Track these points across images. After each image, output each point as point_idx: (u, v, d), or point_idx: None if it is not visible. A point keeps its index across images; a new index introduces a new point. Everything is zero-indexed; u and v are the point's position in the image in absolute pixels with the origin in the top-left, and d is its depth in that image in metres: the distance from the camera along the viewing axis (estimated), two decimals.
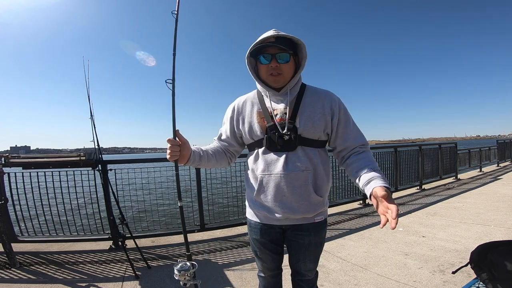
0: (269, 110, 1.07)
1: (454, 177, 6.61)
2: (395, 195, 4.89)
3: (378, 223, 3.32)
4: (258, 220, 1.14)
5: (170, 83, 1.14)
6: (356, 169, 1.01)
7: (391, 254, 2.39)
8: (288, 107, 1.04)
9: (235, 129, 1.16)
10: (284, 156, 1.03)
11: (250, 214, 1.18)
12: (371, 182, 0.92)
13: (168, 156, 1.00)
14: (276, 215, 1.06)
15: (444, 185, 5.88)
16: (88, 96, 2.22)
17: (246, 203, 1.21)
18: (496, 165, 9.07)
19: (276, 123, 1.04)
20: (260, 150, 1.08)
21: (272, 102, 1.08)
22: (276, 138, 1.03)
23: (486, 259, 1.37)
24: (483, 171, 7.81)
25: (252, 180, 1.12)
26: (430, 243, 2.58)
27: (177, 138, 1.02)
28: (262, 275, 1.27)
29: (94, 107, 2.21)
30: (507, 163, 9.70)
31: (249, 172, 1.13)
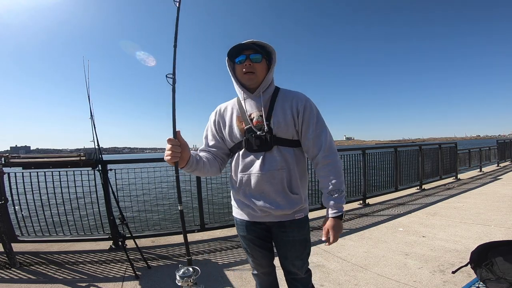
0: (247, 114, 1.13)
1: (454, 177, 6.61)
2: (395, 195, 4.89)
3: (378, 223, 3.33)
4: (243, 218, 1.21)
5: (171, 78, 1.07)
6: (321, 185, 1.14)
7: (391, 254, 2.39)
8: (262, 110, 1.11)
9: (218, 133, 1.22)
10: (261, 156, 1.10)
11: (236, 213, 1.25)
12: (328, 209, 1.11)
13: (168, 158, 0.97)
14: (258, 212, 1.13)
15: (444, 185, 5.88)
16: (88, 96, 2.22)
17: (232, 202, 1.27)
18: (496, 165, 9.06)
19: (252, 126, 1.10)
20: (241, 152, 1.14)
21: (248, 106, 1.15)
22: (253, 140, 1.09)
23: (486, 259, 1.37)
24: (483, 171, 7.81)
25: (234, 181, 1.18)
26: (430, 243, 2.58)
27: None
28: (256, 272, 1.33)
29: (94, 107, 2.21)
30: (507, 163, 9.69)
31: (232, 173, 1.19)
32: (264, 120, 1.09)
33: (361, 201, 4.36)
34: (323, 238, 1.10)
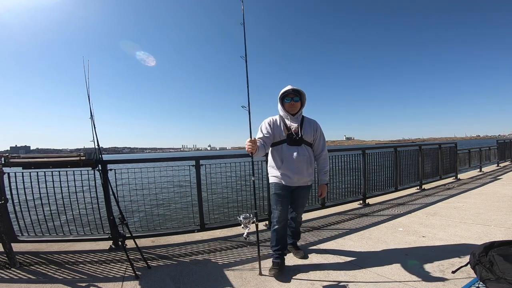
0: (288, 126, 2.17)
1: (454, 177, 6.61)
2: (395, 195, 4.89)
3: (378, 223, 3.33)
4: (281, 182, 2.12)
5: (246, 109, 2.03)
6: (318, 166, 2.34)
7: (391, 254, 2.39)
8: (298, 126, 2.17)
9: (270, 130, 2.14)
10: (296, 148, 2.12)
11: (274, 179, 2.15)
12: (324, 180, 2.30)
13: (249, 150, 1.93)
14: (293, 179, 2.11)
15: (444, 185, 5.88)
16: (88, 96, 2.22)
17: (270, 174, 2.20)
18: (496, 165, 9.06)
19: (293, 132, 2.14)
20: (284, 145, 2.13)
21: (290, 123, 2.17)
22: (292, 140, 2.13)
23: (486, 259, 1.37)
24: (483, 171, 7.81)
25: (279, 160, 2.13)
26: (430, 243, 2.58)
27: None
28: (277, 227, 2.14)
29: (94, 107, 2.21)
30: (507, 163, 9.70)
31: (277, 156, 2.15)
32: (299, 130, 2.14)
33: (361, 201, 4.36)
34: (321, 196, 2.31)
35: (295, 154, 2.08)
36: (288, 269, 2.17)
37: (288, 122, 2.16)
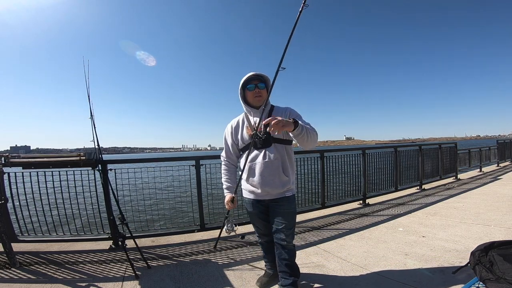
0: (252, 124, 1.70)
1: (454, 177, 6.60)
2: (395, 195, 4.89)
3: (378, 223, 3.33)
4: (250, 197, 1.75)
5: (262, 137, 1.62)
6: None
7: (391, 254, 2.39)
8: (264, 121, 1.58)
9: (234, 139, 1.78)
10: (263, 151, 1.64)
11: (245, 194, 1.79)
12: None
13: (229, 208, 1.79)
14: (261, 192, 1.66)
15: (444, 185, 5.88)
16: (88, 96, 2.22)
17: (242, 187, 1.80)
18: (496, 165, 9.06)
19: (257, 132, 1.63)
20: (249, 150, 1.67)
21: (254, 119, 1.70)
22: (257, 141, 1.63)
23: (486, 259, 1.37)
24: (483, 171, 7.81)
25: (245, 170, 1.70)
26: (430, 243, 2.58)
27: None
28: (261, 241, 1.91)
29: (94, 107, 2.21)
30: (507, 163, 9.69)
31: (242, 163, 1.73)
32: (263, 128, 1.58)
33: (361, 201, 4.36)
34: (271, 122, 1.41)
35: (259, 158, 1.63)
36: None
37: (252, 119, 1.71)
